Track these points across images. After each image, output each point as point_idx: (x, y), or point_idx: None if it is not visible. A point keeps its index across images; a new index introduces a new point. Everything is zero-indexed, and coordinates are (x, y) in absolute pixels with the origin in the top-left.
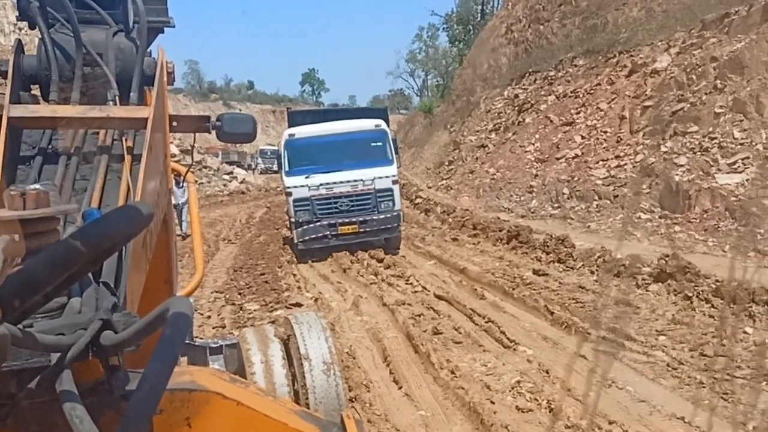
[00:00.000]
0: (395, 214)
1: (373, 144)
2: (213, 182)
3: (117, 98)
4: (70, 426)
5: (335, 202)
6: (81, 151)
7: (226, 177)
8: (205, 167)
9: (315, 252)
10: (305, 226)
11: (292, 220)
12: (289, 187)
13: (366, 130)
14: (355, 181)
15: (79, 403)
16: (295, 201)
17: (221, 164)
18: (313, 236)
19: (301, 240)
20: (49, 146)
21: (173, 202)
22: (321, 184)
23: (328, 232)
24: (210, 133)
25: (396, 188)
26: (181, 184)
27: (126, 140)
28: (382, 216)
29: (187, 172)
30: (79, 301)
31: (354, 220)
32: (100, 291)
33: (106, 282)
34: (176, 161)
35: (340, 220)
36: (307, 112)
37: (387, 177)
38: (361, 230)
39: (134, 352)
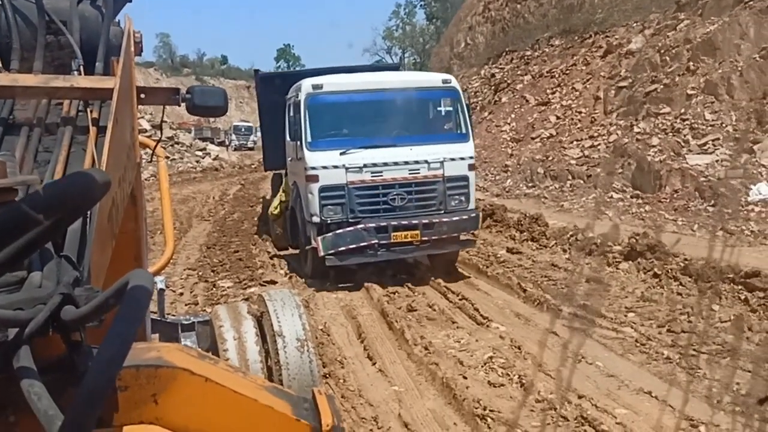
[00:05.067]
0: (473, 215)
1: (439, 109)
2: (186, 158)
3: (81, 68)
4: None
5: (385, 195)
6: (44, 122)
7: (199, 153)
8: (178, 143)
9: (346, 272)
10: (337, 231)
11: (315, 219)
12: (313, 168)
13: (430, 87)
14: (416, 162)
15: (38, 379)
16: (322, 190)
17: (194, 140)
18: (352, 245)
19: (332, 252)
20: (10, 116)
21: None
22: (365, 166)
23: (375, 240)
24: (180, 105)
25: (472, 176)
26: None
27: (91, 111)
28: (456, 218)
29: (156, 146)
30: (40, 275)
31: (415, 222)
32: (62, 265)
33: (67, 256)
34: (147, 136)
35: (393, 222)
36: (284, 75)
37: (462, 159)
38: (425, 239)
39: (98, 327)
